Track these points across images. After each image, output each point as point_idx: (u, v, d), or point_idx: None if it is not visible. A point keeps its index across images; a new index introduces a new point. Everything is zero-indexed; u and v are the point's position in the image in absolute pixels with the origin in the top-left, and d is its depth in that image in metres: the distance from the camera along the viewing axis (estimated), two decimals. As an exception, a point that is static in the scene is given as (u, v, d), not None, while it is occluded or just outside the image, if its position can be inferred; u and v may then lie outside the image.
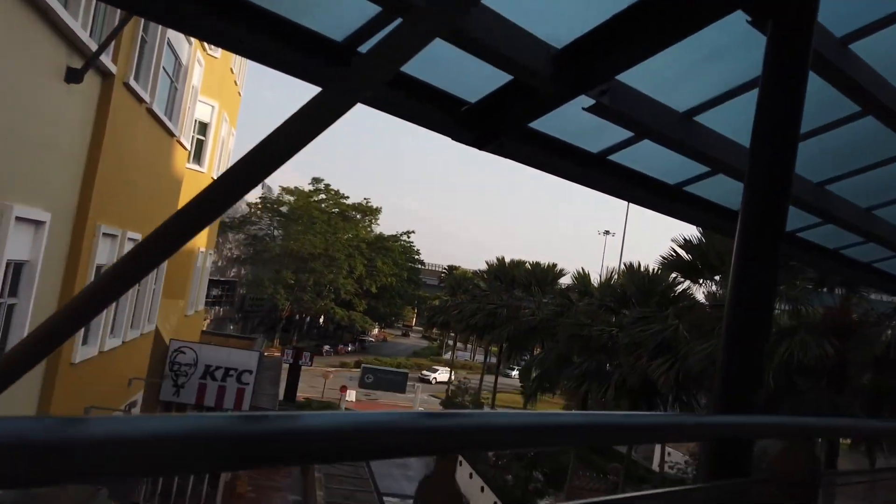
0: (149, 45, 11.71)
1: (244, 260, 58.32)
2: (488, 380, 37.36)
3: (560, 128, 2.65)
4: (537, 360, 25.53)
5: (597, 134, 2.71)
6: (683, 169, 3.09)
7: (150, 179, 13.48)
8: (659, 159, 2.96)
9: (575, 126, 2.64)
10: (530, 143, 2.60)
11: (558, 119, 2.53)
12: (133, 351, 14.38)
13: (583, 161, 2.86)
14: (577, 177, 2.96)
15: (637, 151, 2.84)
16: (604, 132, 2.65)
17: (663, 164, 3.09)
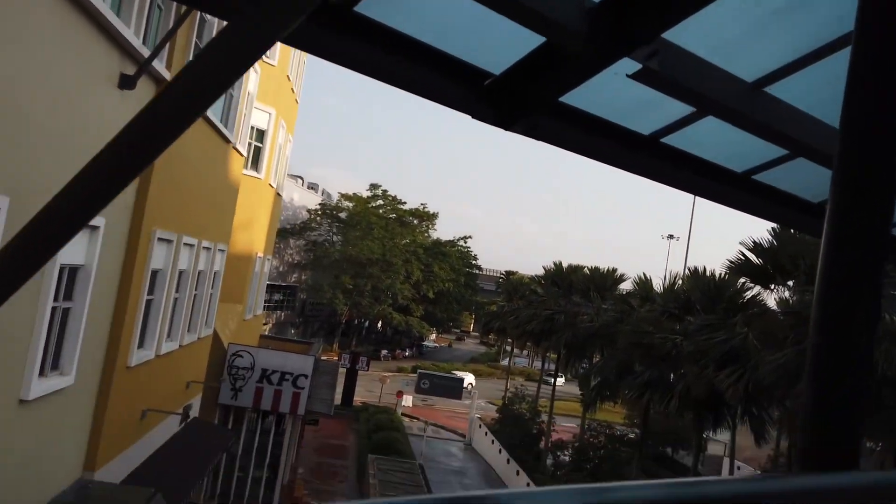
0: (203, 52, 11.85)
1: (304, 265, 59.47)
2: (545, 387, 36.60)
3: (603, 105, 2.29)
4: (597, 367, 24.75)
5: (646, 111, 2.34)
6: (753, 153, 2.65)
7: (206, 185, 13.67)
8: (722, 141, 2.54)
9: (621, 102, 2.28)
10: (567, 123, 2.25)
11: (601, 94, 2.17)
12: (191, 354, 14.61)
13: (631, 144, 2.48)
14: (625, 162, 2.58)
15: (695, 132, 2.44)
16: (655, 109, 2.28)
17: (728, 147, 2.66)
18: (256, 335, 25.33)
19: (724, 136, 2.45)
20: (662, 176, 2.74)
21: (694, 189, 2.89)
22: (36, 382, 7.62)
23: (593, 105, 2.29)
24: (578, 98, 2.20)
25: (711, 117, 2.30)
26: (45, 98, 6.90)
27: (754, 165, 2.81)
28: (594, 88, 2.04)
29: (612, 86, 2.07)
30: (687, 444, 30.67)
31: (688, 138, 2.53)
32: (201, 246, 13.71)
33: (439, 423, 39.28)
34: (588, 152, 2.44)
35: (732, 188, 2.86)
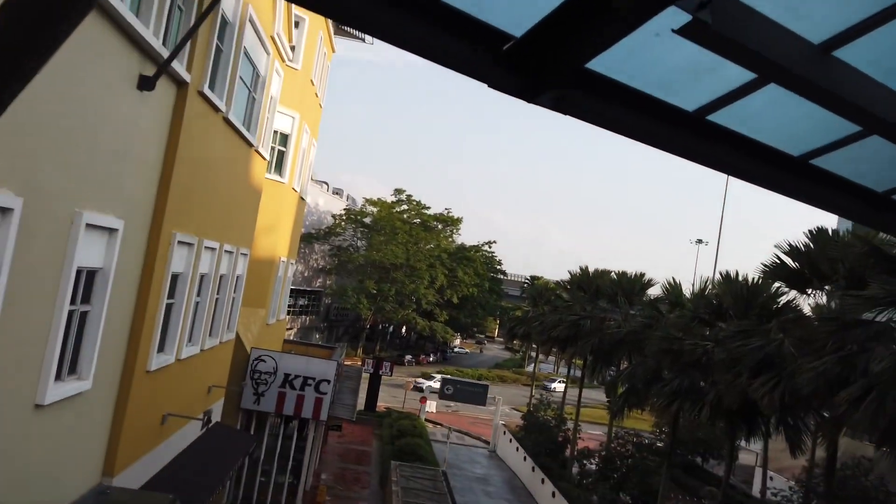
0: (224, 53, 11.76)
1: (329, 270, 59.69)
2: (572, 393, 36.00)
3: (642, 75, 2.00)
4: (624, 374, 24.18)
5: (692, 83, 2.04)
6: (814, 132, 2.32)
7: (228, 188, 13.58)
8: (778, 119, 2.23)
9: (662, 71, 1.98)
10: (599, 96, 1.96)
11: (639, 61, 1.89)
12: (212, 359, 14.52)
13: (673, 121, 2.18)
14: (664, 141, 2.27)
15: (747, 108, 2.12)
16: (702, 79, 1.99)
17: (784, 126, 2.33)
18: (280, 340, 25.31)
19: (781, 112, 2.13)
20: (707, 158, 2.43)
21: (742, 174, 2.57)
22: (52, 387, 7.50)
23: (630, 75, 1.99)
24: (613, 66, 1.91)
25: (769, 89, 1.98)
26: (61, 99, 6.79)
27: (813, 148, 2.47)
28: (632, 54, 1.75)
29: (652, 51, 1.77)
30: (717, 453, 29.87)
31: (738, 115, 2.21)
32: (223, 249, 13.62)
33: (463, 430, 38.92)
34: (622, 129, 2.15)
35: (786, 174, 2.53)
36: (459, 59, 1.75)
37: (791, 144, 2.50)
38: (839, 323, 12.48)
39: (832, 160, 2.52)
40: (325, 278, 60.71)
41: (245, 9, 12.35)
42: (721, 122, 2.27)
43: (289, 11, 16.38)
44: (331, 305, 62.66)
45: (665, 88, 2.12)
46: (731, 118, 2.26)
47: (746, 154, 2.41)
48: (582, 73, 1.87)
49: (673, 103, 2.18)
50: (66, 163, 7.08)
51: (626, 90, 2.05)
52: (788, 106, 2.07)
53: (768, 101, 2.08)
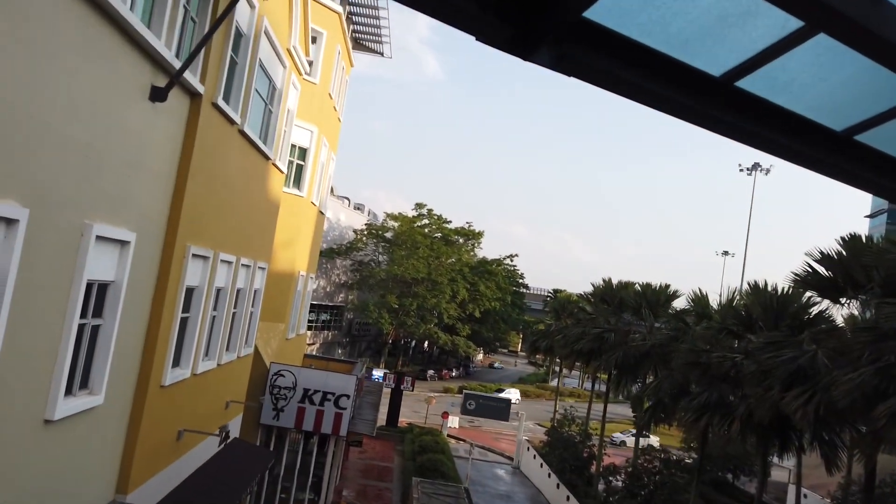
0: (239, 66, 11.72)
1: (351, 285, 59.73)
2: (597, 408, 35.33)
3: (658, 31, 1.74)
4: (650, 388, 23.57)
5: (717, 42, 1.77)
6: (863, 100, 2.03)
7: (244, 202, 13.50)
8: (821, 83, 1.94)
9: (682, 28, 1.72)
10: (608, 56, 1.71)
11: (655, 16, 1.63)
12: (230, 374, 14.39)
13: (696, 87, 1.91)
14: (684, 111, 2.00)
15: (783, 72, 1.84)
16: (727, 39, 1.72)
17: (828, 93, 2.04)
18: (300, 354, 25.18)
19: (823, 76, 1.85)
20: (734, 130, 2.14)
21: (775, 149, 2.28)
22: (62, 402, 7.37)
23: (645, 30, 1.73)
24: (624, 20, 1.66)
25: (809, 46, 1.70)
26: (69, 109, 6.71)
27: (859, 121, 2.17)
28: (647, 3, 1.50)
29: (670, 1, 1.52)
30: (749, 469, 28.97)
31: (771, 81, 1.93)
32: (240, 263, 13.52)
33: (486, 445, 38.38)
34: (635, 94, 1.88)
35: (827, 151, 2.23)
36: (446, 7, 1.53)
37: (833, 117, 2.21)
38: (876, 333, 11.93)
39: (882, 135, 2.22)
40: (346, 293, 60.74)
41: (260, 21, 12.33)
42: (752, 89, 2.00)
43: (305, 25, 16.39)
44: (353, 320, 62.64)
45: (686, 48, 1.85)
46: (763, 85, 1.99)
47: (781, 127, 2.13)
48: (584, 26, 1.62)
49: (696, 66, 1.92)
50: (75, 174, 6.99)
51: (640, 48, 1.79)
52: (831, 68, 1.80)
53: (808, 63, 1.81)
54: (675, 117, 2.00)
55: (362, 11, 27.15)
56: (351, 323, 62.57)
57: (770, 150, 2.26)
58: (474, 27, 1.57)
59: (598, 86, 1.83)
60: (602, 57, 1.75)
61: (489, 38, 1.59)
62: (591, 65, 1.76)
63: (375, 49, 29.95)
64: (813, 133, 2.21)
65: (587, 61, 1.74)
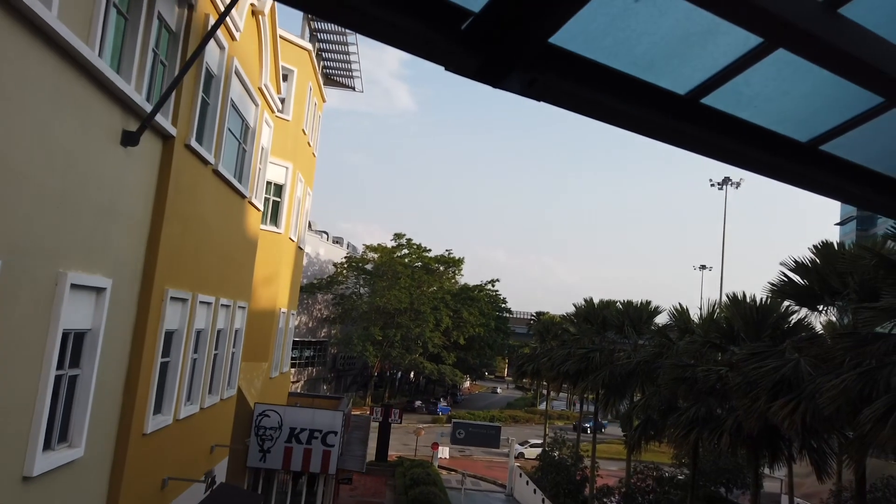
0: (211, 106, 11.74)
1: (333, 319, 59.21)
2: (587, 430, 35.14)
3: (624, 54, 1.78)
4: (639, 406, 23.55)
5: (682, 62, 1.83)
6: (827, 110, 2.09)
7: (222, 241, 13.40)
8: (784, 96, 2.00)
9: (646, 50, 1.77)
10: (574, 78, 1.74)
11: (620, 39, 1.68)
12: (214, 417, 14.11)
13: (663, 106, 1.96)
14: (653, 129, 2.04)
15: (748, 87, 1.90)
16: (691, 58, 1.77)
17: (792, 105, 2.10)
18: (284, 393, 24.80)
19: (786, 89, 1.90)
20: (703, 146, 2.19)
21: (743, 162, 2.33)
22: (41, 457, 7.16)
23: (611, 53, 1.77)
24: (591, 44, 1.70)
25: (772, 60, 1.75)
26: (41, 158, 6.65)
27: (824, 131, 2.24)
28: (611, 28, 1.54)
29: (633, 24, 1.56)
30: (742, 481, 28.92)
31: (736, 97, 1.98)
32: (219, 304, 13.37)
33: (478, 474, 37.92)
34: (605, 116, 1.92)
35: (793, 161, 2.29)
36: (414, 39, 1.56)
37: (798, 129, 2.28)
38: (856, 338, 12.09)
39: (845, 144, 2.29)
40: (329, 328, 60.19)
41: (230, 62, 12.39)
42: (717, 105, 2.05)
43: (276, 63, 16.50)
44: (337, 355, 62.00)
45: (652, 69, 1.91)
46: (728, 100, 2.05)
47: (748, 141, 2.19)
48: (551, 51, 1.66)
49: (662, 85, 1.97)
50: (48, 222, 6.89)
51: (607, 71, 1.84)
52: (793, 81, 1.86)
53: (770, 78, 1.87)
54: (645, 136, 2.04)
55: (332, 47, 27.43)
56: (335, 358, 61.92)
57: (738, 163, 2.32)
58: (443, 57, 1.60)
59: (568, 109, 1.87)
60: (570, 81, 1.80)
61: (458, 67, 1.63)
62: (560, 89, 1.80)
63: (347, 84, 30.20)
64: (779, 145, 2.27)
65: (555, 86, 1.78)
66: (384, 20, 1.52)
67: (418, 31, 1.55)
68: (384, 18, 1.52)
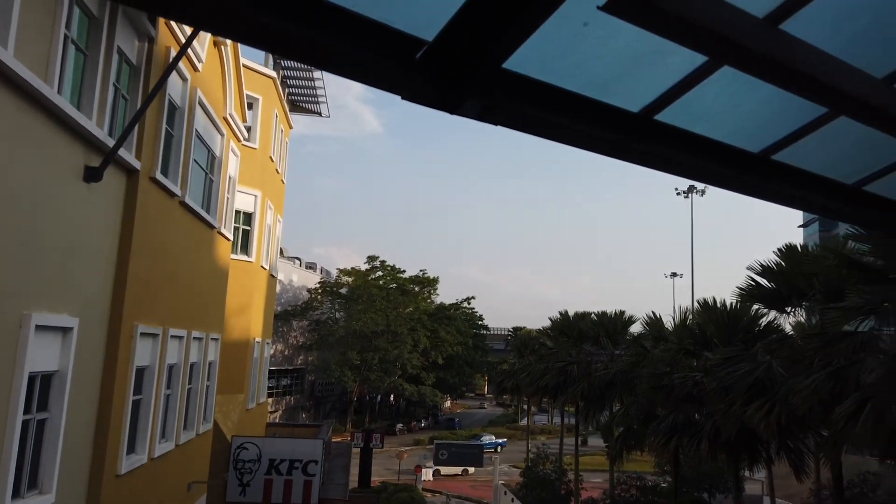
0: (175, 138, 11.65)
1: (310, 346, 58.53)
2: (568, 443, 35.15)
3: (577, 75, 1.83)
4: (618, 416, 23.67)
5: (633, 81, 1.89)
6: (775, 122, 2.17)
7: (192, 273, 13.23)
8: (734, 110, 2.07)
9: (598, 71, 1.82)
10: (530, 102, 1.78)
11: (572, 62, 1.73)
12: (190, 453, 13.81)
13: (617, 124, 2.01)
14: (610, 147, 2.09)
15: (698, 102, 1.96)
16: (643, 77, 1.83)
17: (742, 118, 2.17)
18: (262, 424, 24.39)
19: (735, 102, 1.97)
20: (658, 161, 2.25)
21: (697, 175, 2.40)
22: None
23: (563, 75, 1.82)
24: (544, 67, 1.75)
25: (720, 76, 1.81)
26: (2, 197, 6.52)
27: (773, 141, 2.32)
28: (564, 51, 1.59)
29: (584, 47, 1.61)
30: (724, 485, 29.13)
31: (688, 112, 2.05)
32: (191, 337, 13.16)
33: (463, 494, 37.59)
34: (563, 137, 1.97)
35: (746, 172, 2.36)
36: (370, 70, 1.59)
37: (749, 140, 2.35)
38: (824, 338, 12.36)
39: (795, 153, 2.37)
40: (306, 355, 59.48)
41: (193, 93, 12.34)
42: (671, 121, 2.12)
43: (240, 92, 16.47)
44: (315, 382, 61.21)
45: (606, 89, 1.96)
46: (681, 116, 2.11)
47: (702, 154, 2.26)
48: (506, 76, 1.70)
49: (616, 104, 2.03)
50: (11, 263, 6.75)
51: (562, 93, 1.89)
52: (742, 95, 1.93)
53: (719, 93, 1.93)
54: (601, 154, 2.09)
55: (297, 74, 27.47)
56: (313, 385, 61.12)
57: (694, 176, 2.39)
58: (399, 87, 1.63)
59: (526, 132, 1.91)
60: (526, 105, 1.83)
61: (414, 96, 1.65)
62: (516, 113, 1.84)
63: (313, 109, 30.22)
64: (732, 157, 2.34)
65: (512, 110, 1.82)
66: (339, 52, 1.54)
67: (373, 62, 1.58)
68: (339, 51, 1.54)
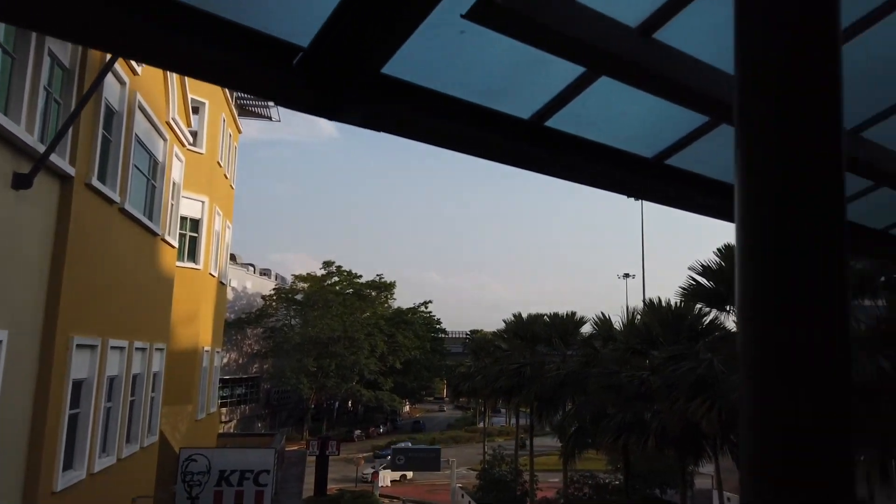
0: (113, 143, 11.37)
1: (265, 354, 57.58)
2: (525, 444, 35.45)
3: (463, 83, 1.87)
4: (570, 415, 24.04)
5: (521, 88, 1.94)
6: (665, 129, 2.26)
7: (134, 282, 12.90)
8: (623, 116, 2.14)
9: (484, 78, 1.86)
10: (416, 109, 1.81)
11: (458, 69, 1.77)
12: (133, 467, 13.44)
13: (510, 130, 2.06)
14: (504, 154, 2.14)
15: (587, 108, 2.03)
16: (529, 84, 1.88)
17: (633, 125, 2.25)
18: (213, 434, 23.89)
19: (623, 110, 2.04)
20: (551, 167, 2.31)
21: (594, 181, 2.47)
22: (-69, 528, 6.64)
23: (449, 83, 1.86)
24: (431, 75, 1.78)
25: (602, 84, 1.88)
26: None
27: (665, 146, 2.41)
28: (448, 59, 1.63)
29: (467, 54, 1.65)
30: (675, 482, 29.84)
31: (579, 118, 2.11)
32: (134, 347, 12.82)
33: (420, 499, 37.51)
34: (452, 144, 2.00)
35: (642, 176, 2.45)
36: (245, 78, 1.59)
37: (643, 146, 2.44)
38: (760, 334, 12.80)
39: (686, 157, 2.47)
40: (261, 363, 58.47)
41: (132, 97, 12.06)
42: (562, 127, 2.17)
43: (184, 97, 16.15)
44: (271, 390, 60.21)
45: (494, 96, 2.00)
46: (571, 122, 2.18)
47: (597, 160, 2.32)
48: (387, 83, 1.72)
49: (505, 111, 2.07)
50: (-71, 275, 6.48)
51: (448, 100, 1.92)
52: (628, 103, 2.00)
53: (604, 100, 2.00)
54: (493, 161, 2.14)
55: (245, 78, 27.07)
56: (269, 393, 60.12)
57: (588, 181, 2.46)
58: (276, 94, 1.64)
59: (412, 138, 1.94)
60: (411, 111, 1.85)
61: (292, 102, 1.66)
62: (400, 119, 1.86)
63: (263, 114, 29.83)
64: (628, 162, 2.42)
65: (395, 116, 1.84)
66: (213, 60, 1.55)
67: (249, 69, 1.59)
68: (213, 59, 1.54)
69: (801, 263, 1.08)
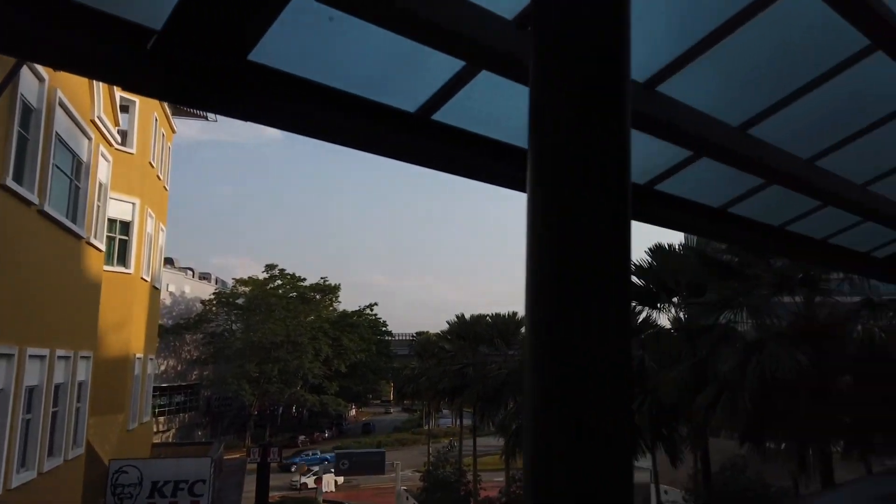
0: (31, 142, 10.85)
1: (205, 360, 56.00)
2: (467, 444, 35.61)
3: (345, 74, 1.82)
4: (510, 414, 24.28)
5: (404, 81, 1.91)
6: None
7: (55, 287, 12.34)
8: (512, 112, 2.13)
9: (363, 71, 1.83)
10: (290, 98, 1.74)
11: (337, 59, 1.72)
12: (57, 481, 12.84)
13: (396, 123, 2.03)
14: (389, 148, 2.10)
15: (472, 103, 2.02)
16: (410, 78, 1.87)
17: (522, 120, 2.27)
18: (147, 445, 23.08)
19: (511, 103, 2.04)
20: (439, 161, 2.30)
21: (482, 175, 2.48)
22: None
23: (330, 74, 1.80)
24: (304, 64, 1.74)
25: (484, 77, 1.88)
26: None
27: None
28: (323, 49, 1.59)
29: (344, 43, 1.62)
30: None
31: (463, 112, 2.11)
32: (55, 356, 12.26)
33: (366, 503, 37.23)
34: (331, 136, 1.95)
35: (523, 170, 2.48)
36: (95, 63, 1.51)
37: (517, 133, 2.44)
38: (688, 332, 13.27)
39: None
40: (201, 370, 56.85)
41: (52, 94, 11.55)
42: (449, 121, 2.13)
43: (110, 95, 15.56)
44: (211, 397, 58.62)
45: (377, 88, 1.95)
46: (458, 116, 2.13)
47: (485, 153, 2.32)
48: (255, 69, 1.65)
49: (390, 104, 2.03)
50: None
51: (325, 90, 1.86)
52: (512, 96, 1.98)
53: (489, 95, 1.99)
54: (379, 154, 2.11)
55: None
56: (209, 400, 58.51)
57: (476, 176, 2.46)
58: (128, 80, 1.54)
59: (293, 131, 1.88)
60: (281, 100, 1.77)
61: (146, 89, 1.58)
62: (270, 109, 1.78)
63: (198, 113, 29.05)
64: (517, 157, 2.42)
65: (265, 105, 1.75)
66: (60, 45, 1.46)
67: (98, 53, 1.50)
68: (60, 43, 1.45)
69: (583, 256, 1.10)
